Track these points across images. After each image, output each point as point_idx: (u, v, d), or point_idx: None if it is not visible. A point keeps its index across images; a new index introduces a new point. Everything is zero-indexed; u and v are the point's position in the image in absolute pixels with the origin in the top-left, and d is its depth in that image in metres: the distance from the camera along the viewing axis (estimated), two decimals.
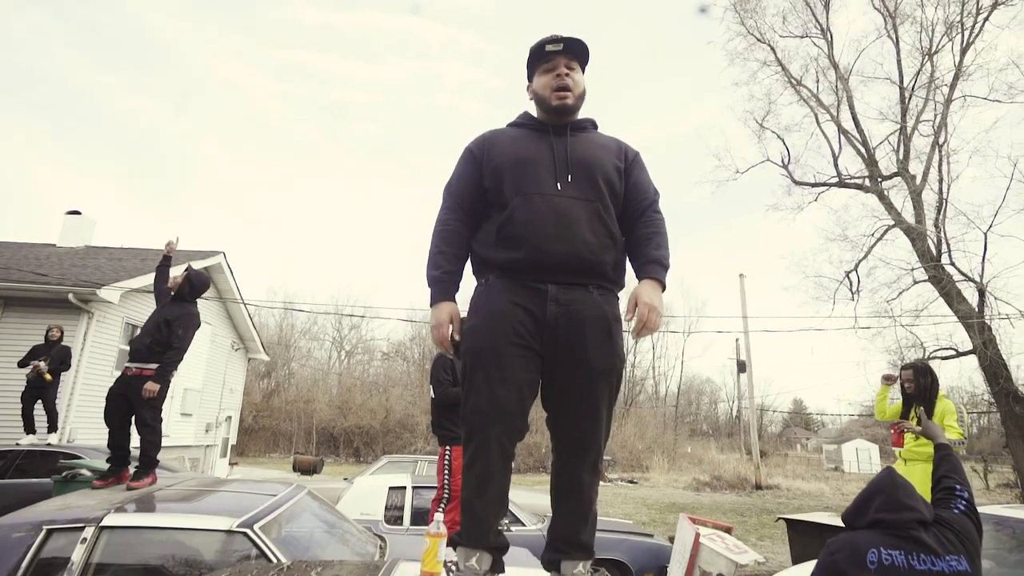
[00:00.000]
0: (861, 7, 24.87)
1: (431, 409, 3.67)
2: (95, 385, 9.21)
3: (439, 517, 1.60)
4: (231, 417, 15.21)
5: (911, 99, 15.25)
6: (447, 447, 3.43)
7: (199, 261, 11.83)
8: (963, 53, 14.14)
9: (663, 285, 1.46)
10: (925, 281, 14.47)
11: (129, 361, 3.89)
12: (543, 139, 1.57)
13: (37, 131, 62.72)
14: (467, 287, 1.70)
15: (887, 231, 15.56)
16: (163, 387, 3.68)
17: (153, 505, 2.84)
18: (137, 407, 3.62)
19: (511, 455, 1.41)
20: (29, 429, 6.56)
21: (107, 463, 3.87)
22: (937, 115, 14.26)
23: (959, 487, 2.06)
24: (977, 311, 12.85)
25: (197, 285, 4.15)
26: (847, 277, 16.34)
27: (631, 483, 19.50)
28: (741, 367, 21.36)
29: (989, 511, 4.31)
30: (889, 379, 3.63)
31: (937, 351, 15.02)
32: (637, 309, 1.40)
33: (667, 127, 65.69)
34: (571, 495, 1.43)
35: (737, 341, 21.98)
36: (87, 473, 5.47)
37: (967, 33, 14.20)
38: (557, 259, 1.42)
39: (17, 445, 6.37)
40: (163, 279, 4.20)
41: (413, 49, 65.84)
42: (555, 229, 1.42)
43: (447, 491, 3.32)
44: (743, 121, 18.06)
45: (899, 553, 1.79)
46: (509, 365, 1.38)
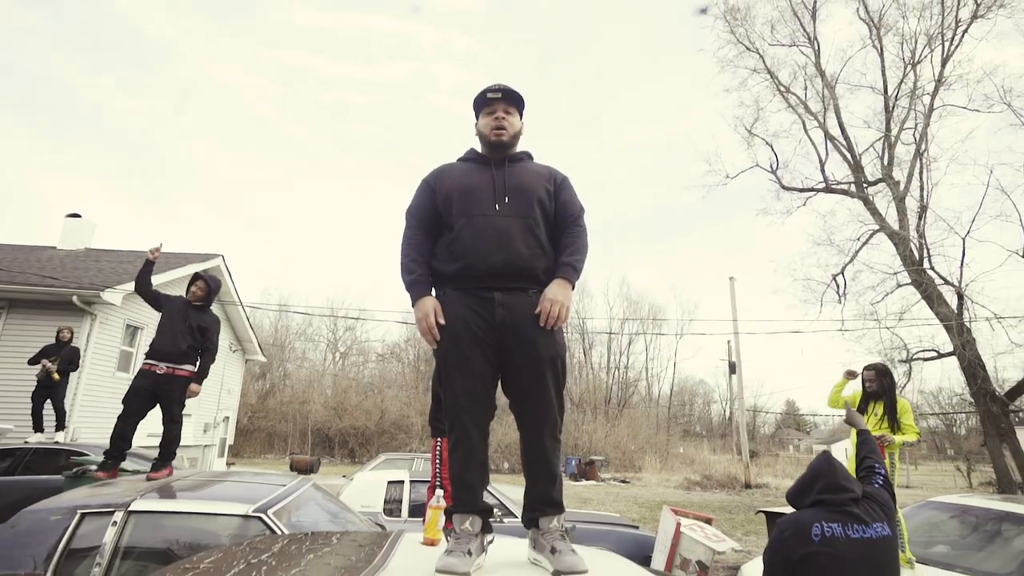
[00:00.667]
0: (847, 17, 25.29)
1: (431, 402, 3.95)
2: (97, 385, 9.43)
3: (439, 492, 1.88)
4: (228, 418, 15.40)
5: (895, 107, 15.68)
6: (438, 439, 3.70)
7: (198, 264, 12.04)
8: (943, 64, 14.57)
9: (571, 284, 1.78)
10: (908, 284, 14.87)
11: (158, 360, 4.03)
12: (485, 170, 1.88)
13: (33, 133, 62.50)
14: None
15: (872, 235, 15.97)
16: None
17: (175, 492, 3.09)
18: (169, 404, 3.88)
19: (486, 432, 1.73)
20: (37, 427, 6.76)
21: (104, 454, 4.03)
22: (918, 124, 14.67)
23: (877, 465, 2.47)
24: (956, 314, 13.24)
25: (216, 290, 4.41)
26: (834, 280, 16.73)
27: (623, 482, 19.79)
28: (732, 368, 21.68)
29: (949, 500, 4.64)
30: (851, 375, 3.93)
31: (919, 352, 15.42)
32: (542, 303, 1.72)
33: (667, 127, 66.05)
34: (538, 462, 1.72)
35: (729, 343, 22.31)
36: (95, 469, 5.71)
37: (947, 44, 14.64)
38: (497, 268, 1.72)
39: (25, 443, 6.58)
40: (146, 283, 4.20)
41: (408, 51, 66.07)
42: (494, 243, 1.72)
43: (439, 479, 3.59)
44: (733, 127, 18.50)
45: (837, 525, 2.13)
46: (473, 361, 1.69)
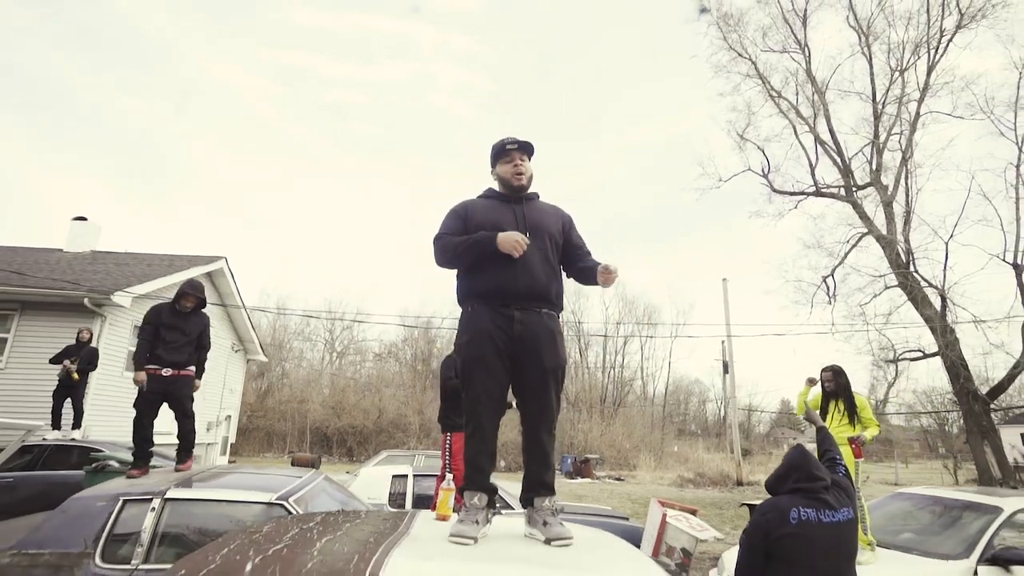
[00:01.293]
0: (837, 24, 25.65)
1: (440, 402, 4.28)
2: (107, 384, 9.71)
3: (449, 477, 2.21)
4: (230, 416, 15.67)
5: (882, 113, 16.07)
6: (448, 434, 4.04)
7: (202, 267, 12.33)
8: (929, 72, 14.96)
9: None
10: (895, 287, 15.28)
11: (163, 366, 4.27)
12: (507, 206, 2.23)
13: (33, 133, 62.42)
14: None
15: (861, 239, 16.36)
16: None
17: (205, 482, 3.40)
18: (181, 402, 4.18)
19: (497, 425, 2.07)
20: (56, 425, 7.05)
21: (133, 456, 4.30)
22: (903, 131, 15.06)
23: (838, 457, 2.84)
24: (940, 315, 13.63)
25: (203, 297, 4.58)
26: (824, 282, 17.12)
27: (618, 480, 20.15)
28: (726, 368, 22.05)
29: (914, 491, 4.99)
30: (812, 381, 4.27)
31: (906, 352, 15.84)
32: (608, 267, 2.15)
33: (667, 127, 66.37)
34: (536, 451, 2.06)
35: (723, 343, 22.65)
36: (115, 464, 6.00)
37: (933, 53, 15.04)
38: (520, 291, 2.06)
39: (44, 440, 6.86)
40: (143, 355, 4.29)
41: (408, 51, 66.26)
42: (520, 271, 2.05)
43: (449, 471, 3.93)
44: (727, 131, 18.83)
45: (812, 511, 2.49)
46: (493, 366, 2.02)
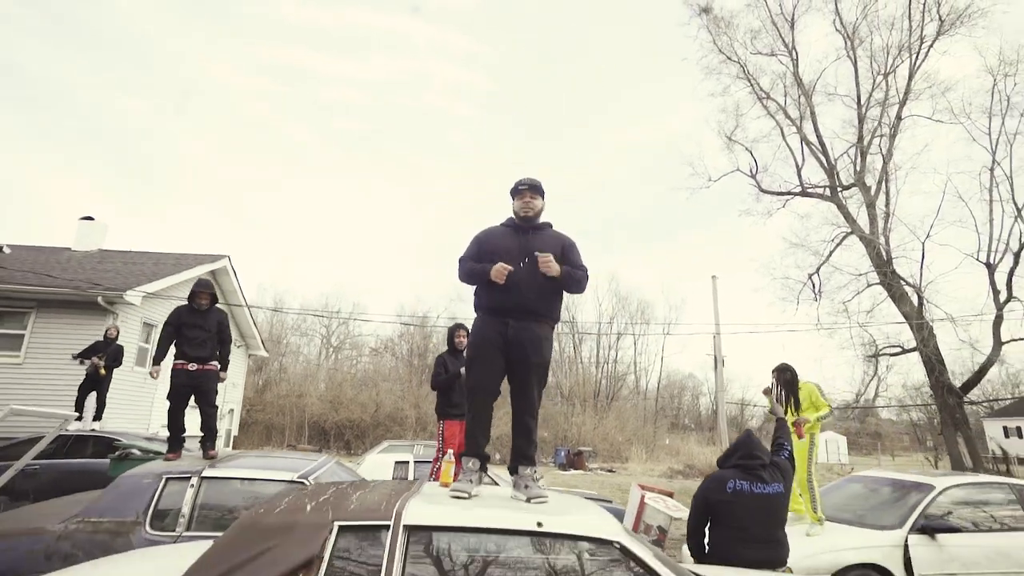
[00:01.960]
0: (824, 28, 26.15)
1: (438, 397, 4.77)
2: (119, 379, 10.12)
3: (450, 452, 2.70)
4: (233, 410, 16.13)
5: (866, 116, 16.59)
6: (442, 421, 4.55)
7: (208, 265, 12.76)
8: (910, 77, 15.48)
9: (561, 274, 2.62)
10: (877, 284, 15.86)
11: (189, 361, 4.73)
12: (515, 236, 2.75)
13: (33, 133, 62.39)
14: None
15: (845, 238, 16.93)
16: None
17: (235, 463, 3.88)
18: (207, 394, 4.66)
19: (491, 407, 2.60)
20: (78, 416, 7.49)
21: (168, 442, 4.79)
22: (883, 136, 15.58)
23: (785, 443, 3.40)
24: (917, 312, 14.22)
25: (214, 293, 5.04)
26: (810, 279, 17.70)
27: (609, 472, 20.73)
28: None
29: (866, 474, 5.54)
30: (767, 391, 4.80)
31: (886, 347, 16.45)
32: (544, 256, 2.59)
33: (667, 126, 66.79)
34: (521, 429, 2.60)
35: (714, 339, 23.20)
36: (137, 452, 6.47)
37: (915, 58, 15.56)
38: (513, 308, 2.60)
39: (65, 431, 7.32)
40: (164, 352, 4.84)
41: (406, 51, 66.40)
42: (514, 292, 2.57)
43: (441, 453, 4.44)
44: (717, 132, 19.33)
45: (746, 483, 3.03)
46: (491, 361, 2.56)
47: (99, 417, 7.71)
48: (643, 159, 69.03)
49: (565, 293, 2.79)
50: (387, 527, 1.70)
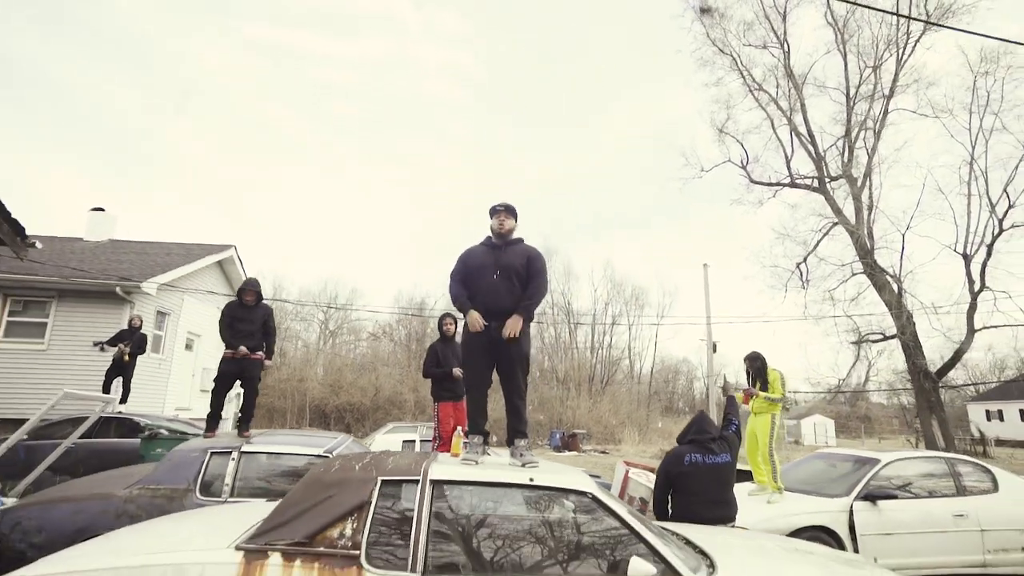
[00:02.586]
0: (815, 22, 26.41)
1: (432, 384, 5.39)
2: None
3: (459, 429, 3.29)
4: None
5: (854, 109, 17.03)
6: (437, 404, 5.19)
7: (215, 255, 13.25)
8: (897, 72, 15.91)
9: (524, 318, 3.13)
10: (861, 273, 16.46)
11: (238, 347, 5.21)
12: (491, 252, 3.31)
13: (33, 132, 61.98)
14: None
15: (831, 227, 17.48)
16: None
17: (269, 440, 4.44)
18: (251, 380, 5.20)
19: (486, 394, 3.19)
20: (123, 399, 8.06)
21: (208, 419, 5.34)
22: (868, 129, 16.06)
23: (733, 418, 3.97)
24: (897, 300, 14.84)
25: (260, 291, 5.57)
26: (797, 268, 18.28)
27: (602, 453, 21.49)
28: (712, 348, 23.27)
29: (827, 451, 6.15)
30: (748, 395, 5.34)
31: (869, 334, 17.11)
32: (506, 326, 3.09)
33: (667, 125, 66.97)
34: (512, 408, 3.17)
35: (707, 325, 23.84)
36: (165, 433, 7.03)
37: (901, 53, 15.97)
38: (493, 312, 3.13)
39: (105, 413, 7.87)
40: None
41: (397, 38, 65.90)
42: (491, 299, 3.14)
43: (437, 432, 5.08)
44: (709, 123, 19.74)
45: (700, 456, 3.62)
46: (482, 355, 3.14)
47: (124, 400, 8.26)
48: (643, 159, 69.33)
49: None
50: (417, 481, 2.26)
